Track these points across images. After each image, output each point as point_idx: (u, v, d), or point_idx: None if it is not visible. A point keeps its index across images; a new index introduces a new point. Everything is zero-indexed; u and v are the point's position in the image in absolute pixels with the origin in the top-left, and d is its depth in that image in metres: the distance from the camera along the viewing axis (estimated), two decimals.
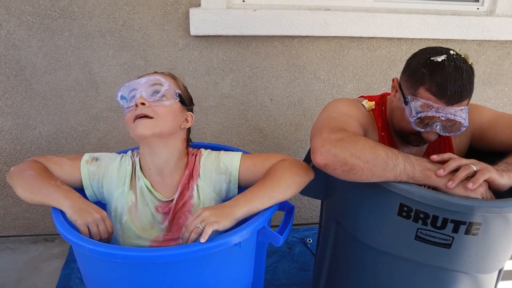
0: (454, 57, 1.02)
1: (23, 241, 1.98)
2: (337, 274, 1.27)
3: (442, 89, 0.99)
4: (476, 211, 0.89)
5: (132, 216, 1.07)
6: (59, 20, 1.65)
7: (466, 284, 1.03)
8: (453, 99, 0.99)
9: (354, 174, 0.94)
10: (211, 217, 0.88)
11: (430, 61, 1.02)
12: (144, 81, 1.04)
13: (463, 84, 0.99)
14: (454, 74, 0.99)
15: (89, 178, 1.09)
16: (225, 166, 1.10)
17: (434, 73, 1.00)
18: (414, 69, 1.06)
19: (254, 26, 1.72)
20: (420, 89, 1.03)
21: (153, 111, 1.01)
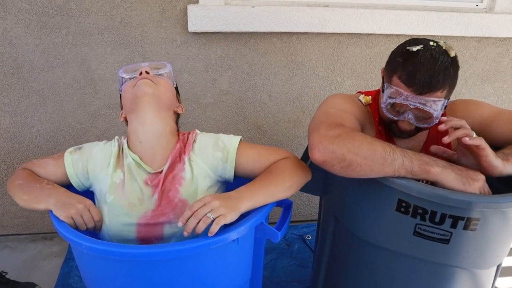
0: (432, 47, 1.02)
1: (22, 239, 1.97)
2: (336, 270, 1.27)
3: (411, 77, 1.00)
4: (474, 207, 0.89)
5: (118, 194, 1.05)
6: (56, 18, 1.65)
7: (465, 280, 1.03)
8: (422, 88, 1.00)
9: (352, 170, 0.93)
10: (221, 208, 0.87)
11: (405, 50, 1.04)
12: (148, 63, 1.16)
13: (434, 74, 0.99)
14: (426, 63, 0.99)
15: (73, 166, 1.10)
16: (223, 144, 1.10)
17: (406, 62, 1.02)
18: (391, 57, 1.09)
19: (252, 23, 1.72)
20: (393, 77, 1.05)
21: (155, 79, 1.10)
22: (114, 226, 1.03)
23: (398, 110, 1.07)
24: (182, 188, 1.04)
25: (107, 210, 1.05)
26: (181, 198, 1.04)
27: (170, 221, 1.02)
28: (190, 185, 1.05)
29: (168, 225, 1.03)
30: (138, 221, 1.03)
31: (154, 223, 1.03)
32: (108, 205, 1.05)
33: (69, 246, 1.90)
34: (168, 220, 1.03)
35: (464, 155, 0.99)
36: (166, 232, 1.03)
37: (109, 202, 1.05)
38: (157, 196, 1.04)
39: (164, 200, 1.04)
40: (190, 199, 1.03)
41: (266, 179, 1.01)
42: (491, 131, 1.13)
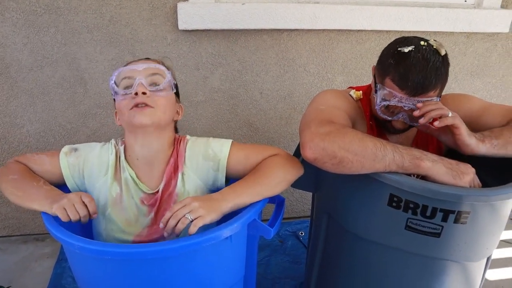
0: (423, 48, 1.02)
1: (13, 241, 1.95)
2: (329, 266, 1.27)
3: (404, 79, 1.01)
4: (464, 200, 0.90)
5: (116, 208, 1.04)
6: (44, 16, 1.63)
7: (456, 272, 1.05)
8: (415, 90, 1.01)
9: (343, 166, 0.94)
10: (200, 209, 0.87)
11: (397, 51, 1.04)
12: (143, 67, 1.01)
13: (427, 75, 1.00)
14: (418, 65, 1.00)
15: (69, 169, 1.06)
16: (213, 153, 1.06)
17: (399, 63, 1.02)
18: (382, 58, 1.09)
19: (243, 20, 1.71)
20: (386, 79, 1.05)
21: (152, 101, 0.99)
22: (111, 241, 1.04)
23: (393, 111, 1.08)
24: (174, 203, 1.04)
25: (104, 223, 1.05)
26: None
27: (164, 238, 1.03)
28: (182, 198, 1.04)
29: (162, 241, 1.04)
30: (133, 239, 1.04)
31: (148, 240, 1.04)
32: (106, 219, 1.05)
33: (61, 247, 1.89)
34: (162, 237, 1.02)
35: (444, 131, 1.03)
36: None
37: (106, 215, 1.04)
38: (153, 215, 1.05)
39: (159, 218, 1.03)
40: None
41: (252, 178, 0.99)
42: (481, 124, 1.14)
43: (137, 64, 1.04)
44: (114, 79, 1.03)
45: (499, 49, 2.05)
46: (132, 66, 1.03)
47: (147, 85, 1.00)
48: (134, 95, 0.98)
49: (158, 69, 1.03)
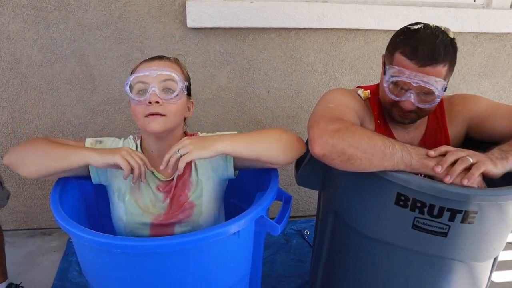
0: (432, 26, 1.07)
1: (20, 235, 1.97)
2: (335, 264, 1.28)
3: (413, 50, 1.02)
4: (472, 200, 0.90)
5: (135, 195, 1.10)
6: (54, 13, 1.64)
7: (462, 272, 1.04)
8: (424, 60, 1.01)
9: (352, 164, 0.94)
10: (189, 146, 0.94)
11: (407, 29, 1.09)
12: (156, 74, 1.03)
13: (435, 47, 1.02)
14: (428, 38, 1.03)
15: None
16: None
17: (408, 38, 1.05)
18: (393, 38, 1.12)
19: (251, 18, 1.72)
20: (396, 54, 1.07)
21: (165, 109, 1.03)
22: (131, 224, 1.09)
23: (401, 88, 1.07)
24: (190, 192, 1.10)
25: (124, 208, 1.09)
26: (189, 200, 1.10)
27: (180, 221, 1.09)
28: (196, 188, 1.10)
29: (178, 225, 1.09)
30: (152, 221, 1.09)
31: (166, 224, 1.09)
32: (126, 204, 1.09)
33: (67, 241, 1.91)
34: (178, 221, 1.09)
35: None
36: (176, 231, 1.10)
37: (126, 201, 1.09)
38: (168, 201, 1.10)
39: (175, 204, 1.10)
40: (197, 201, 1.10)
41: (252, 131, 1.08)
42: (488, 126, 1.14)
43: (151, 67, 1.05)
44: (129, 83, 1.05)
45: (508, 50, 2.03)
46: (145, 70, 1.04)
47: (160, 91, 1.02)
48: (148, 103, 1.01)
49: (171, 76, 1.04)
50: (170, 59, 1.12)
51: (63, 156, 0.97)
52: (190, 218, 1.09)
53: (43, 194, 1.91)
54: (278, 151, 1.04)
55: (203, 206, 1.10)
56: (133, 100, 1.04)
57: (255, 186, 1.12)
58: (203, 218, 1.09)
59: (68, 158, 0.97)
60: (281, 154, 1.04)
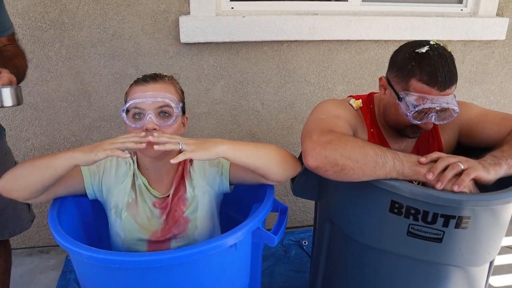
0: (436, 46, 1.08)
1: (18, 254, 1.96)
2: (333, 273, 1.28)
3: (433, 76, 1.03)
4: (465, 205, 0.91)
5: (132, 211, 1.11)
6: (49, 32, 1.66)
7: (459, 277, 1.05)
8: (445, 84, 1.04)
9: (345, 174, 0.96)
10: (192, 145, 0.95)
11: (415, 53, 1.07)
12: (151, 101, 1.01)
13: (450, 69, 1.04)
14: (440, 61, 1.04)
15: (90, 177, 1.11)
16: (218, 159, 1.09)
17: (422, 63, 1.05)
18: (402, 63, 1.10)
19: (244, 32, 1.75)
20: (412, 81, 1.07)
21: (162, 133, 1.02)
22: (129, 240, 1.09)
23: (424, 113, 1.08)
24: (185, 207, 1.11)
25: (121, 224, 1.10)
26: (184, 215, 1.11)
27: (175, 236, 1.10)
28: (192, 203, 1.11)
29: (174, 240, 1.10)
30: (149, 238, 1.10)
31: (162, 240, 1.10)
32: (123, 220, 1.10)
33: (66, 258, 1.90)
34: (173, 236, 1.10)
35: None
36: (172, 246, 1.11)
37: (124, 217, 1.10)
38: (164, 217, 1.11)
39: (171, 219, 1.11)
40: (191, 215, 1.11)
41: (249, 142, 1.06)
42: (479, 132, 1.16)
43: (146, 91, 1.03)
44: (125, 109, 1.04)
45: (497, 56, 2.08)
46: (141, 96, 1.02)
47: (157, 117, 1.02)
48: (145, 130, 1.00)
49: (168, 103, 1.03)
50: (165, 79, 1.09)
51: (48, 164, 0.94)
52: (185, 233, 1.10)
53: (40, 212, 1.91)
54: (276, 165, 1.03)
55: (198, 221, 1.10)
56: (129, 125, 1.03)
57: (251, 198, 1.13)
58: (198, 233, 1.10)
59: (53, 164, 0.93)
60: (278, 168, 1.04)
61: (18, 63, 1.20)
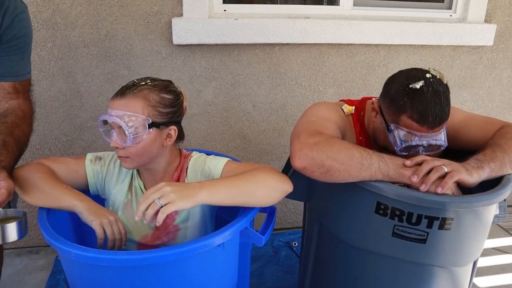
0: (431, 81, 1.04)
1: (7, 254, 1.95)
2: (321, 274, 1.30)
3: (423, 116, 1.02)
4: (448, 207, 0.93)
5: (126, 212, 1.12)
6: (42, 31, 1.67)
7: (443, 278, 1.07)
8: (435, 124, 1.03)
9: (331, 175, 0.97)
10: (172, 194, 0.86)
11: (409, 88, 1.04)
12: (112, 120, 1.00)
13: (443, 108, 1.03)
14: (433, 99, 1.02)
15: (94, 176, 1.13)
16: (209, 170, 1.10)
17: (414, 100, 1.03)
18: (394, 96, 1.08)
19: (236, 35, 1.76)
20: (402, 117, 1.05)
21: (127, 152, 1.03)
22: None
23: (412, 147, 1.09)
24: (177, 215, 1.11)
25: None
26: (174, 223, 1.11)
27: (165, 244, 1.11)
28: (183, 211, 1.10)
29: (163, 246, 1.11)
30: (139, 240, 1.12)
31: (152, 245, 1.11)
32: None
33: (55, 259, 1.89)
34: (163, 243, 1.11)
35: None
36: None
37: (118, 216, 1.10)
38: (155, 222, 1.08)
39: (161, 226, 1.08)
40: (182, 224, 1.11)
41: (233, 175, 0.99)
42: (463, 136, 1.18)
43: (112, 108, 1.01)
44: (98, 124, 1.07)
45: (485, 62, 2.11)
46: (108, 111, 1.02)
47: (119, 137, 1.01)
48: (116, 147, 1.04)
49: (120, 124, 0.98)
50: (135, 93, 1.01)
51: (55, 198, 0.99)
52: (175, 241, 1.10)
53: (30, 212, 1.89)
54: (262, 197, 0.99)
55: (188, 230, 1.11)
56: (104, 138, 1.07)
57: None
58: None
59: (59, 201, 0.99)
60: (264, 199, 1.00)
61: (21, 134, 1.07)
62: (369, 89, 2.03)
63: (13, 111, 1.09)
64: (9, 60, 1.10)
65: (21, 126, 1.08)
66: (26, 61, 1.16)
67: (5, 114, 1.08)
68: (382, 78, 2.01)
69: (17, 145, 1.04)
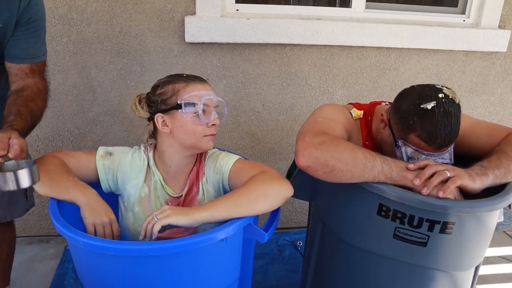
0: (443, 101, 1.03)
1: (18, 242, 1.98)
2: (323, 273, 1.31)
3: (432, 136, 1.02)
4: (449, 211, 0.94)
5: (144, 207, 1.14)
6: (58, 26, 1.71)
7: (444, 281, 1.08)
8: (443, 144, 1.03)
9: (334, 175, 0.99)
10: (168, 211, 0.92)
11: (420, 108, 1.03)
12: (217, 99, 1.13)
13: (452, 129, 1.02)
14: (444, 120, 1.01)
15: (105, 172, 1.14)
16: (220, 167, 1.14)
17: (424, 120, 1.02)
18: (404, 114, 1.07)
19: (248, 34, 1.78)
20: (411, 135, 1.06)
21: (216, 130, 1.13)
22: (138, 235, 1.09)
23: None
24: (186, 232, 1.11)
25: (132, 218, 1.14)
26: None
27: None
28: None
29: None
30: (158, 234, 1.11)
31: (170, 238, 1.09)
32: (134, 215, 1.14)
33: (64, 249, 1.94)
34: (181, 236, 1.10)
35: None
36: None
37: (135, 212, 1.14)
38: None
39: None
40: None
41: (232, 192, 1.01)
42: (470, 142, 1.18)
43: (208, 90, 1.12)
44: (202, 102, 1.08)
45: (498, 68, 2.10)
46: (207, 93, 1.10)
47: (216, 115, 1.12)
48: (211, 125, 1.10)
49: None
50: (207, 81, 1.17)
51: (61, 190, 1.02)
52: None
53: (41, 201, 1.96)
54: (262, 209, 1.00)
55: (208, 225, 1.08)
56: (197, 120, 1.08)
57: None
58: None
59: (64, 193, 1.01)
60: (265, 209, 1.01)
61: (35, 107, 1.13)
62: (379, 92, 2.03)
63: (28, 87, 1.15)
64: (26, 43, 1.15)
65: (36, 100, 1.14)
66: (42, 42, 1.20)
67: (22, 89, 1.14)
68: (392, 81, 2.02)
69: (31, 116, 1.09)
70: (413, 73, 2.03)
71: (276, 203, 1.03)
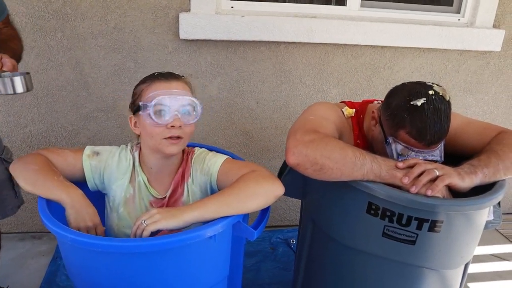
0: (433, 98, 1.03)
1: (11, 238, 2.00)
2: (313, 271, 1.32)
3: (422, 133, 1.03)
4: (438, 209, 0.94)
5: (129, 207, 1.13)
6: (52, 21, 1.70)
7: (433, 279, 1.08)
8: (433, 141, 1.04)
9: (324, 173, 0.99)
10: (157, 215, 0.90)
11: (410, 105, 1.04)
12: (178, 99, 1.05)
13: (442, 126, 1.03)
14: (433, 117, 1.02)
15: (91, 171, 1.12)
16: (208, 168, 1.13)
17: (414, 117, 1.03)
18: (394, 111, 1.07)
19: (242, 32, 1.78)
20: (401, 132, 1.06)
21: (183, 132, 1.06)
22: (121, 236, 1.12)
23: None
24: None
25: (116, 219, 1.13)
26: None
27: None
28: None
29: None
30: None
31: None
32: (118, 216, 1.13)
33: (56, 245, 1.94)
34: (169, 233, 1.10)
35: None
36: None
37: (119, 213, 1.13)
38: None
39: None
40: None
41: (222, 191, 1.00)
42: (461, 141, 1.19)
43: (171, 89, 1.05)
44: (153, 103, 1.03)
45: (492, 67, 2.10)
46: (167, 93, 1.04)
47: (183, 116, 1.05)
48: (170, 127, 1.03)
49: (191, 101, 1.07)
50: (183, 78, 1.11)
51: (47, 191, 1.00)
52: None
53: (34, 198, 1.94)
54: (253, 207, 0.99)
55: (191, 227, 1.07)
56: (152, 122, 1.03)
57: None
58: None
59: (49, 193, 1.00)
60: (256, 208, 1.00)
61: (15, 46, 1.25)
62: (373, 90, 2.04)
63: (3, 33, 1.30)
64: None
65: (14, 41, 1.29)
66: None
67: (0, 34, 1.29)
68: (386, 80, 2.03)
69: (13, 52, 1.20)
70: (407, 72, 2.03)
71: (267, 202, 1.02)
